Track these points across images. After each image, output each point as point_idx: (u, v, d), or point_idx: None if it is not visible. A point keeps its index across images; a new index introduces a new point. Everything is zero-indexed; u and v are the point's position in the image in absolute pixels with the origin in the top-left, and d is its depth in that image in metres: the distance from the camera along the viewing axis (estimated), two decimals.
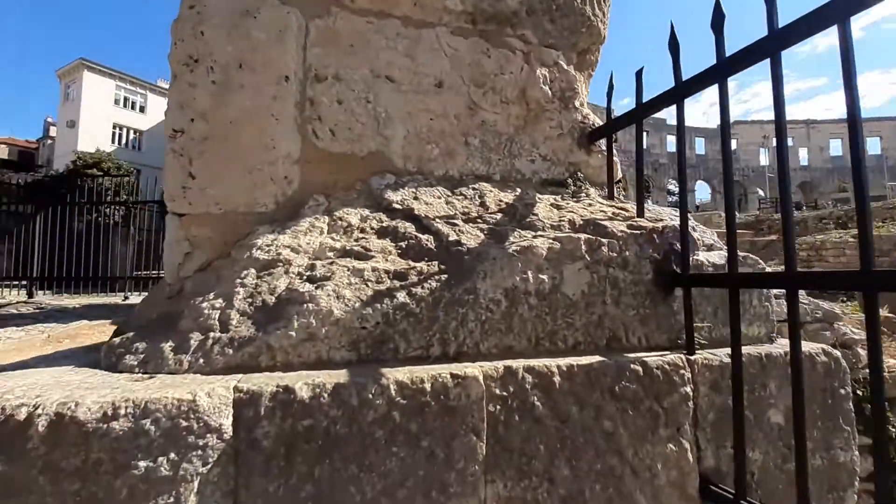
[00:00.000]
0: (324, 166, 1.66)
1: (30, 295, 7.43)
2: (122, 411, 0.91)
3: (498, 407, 1.22)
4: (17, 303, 6.78)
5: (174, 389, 0.98)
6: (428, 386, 1.13)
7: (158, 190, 12.55)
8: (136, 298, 7.25)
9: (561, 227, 1.59)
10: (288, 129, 1.62)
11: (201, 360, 1.15)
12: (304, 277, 1.33)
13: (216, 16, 1.57)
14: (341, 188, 1.68)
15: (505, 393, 1.24)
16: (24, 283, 7.97)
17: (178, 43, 1.55)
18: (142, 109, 34.72)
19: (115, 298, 7.40)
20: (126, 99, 33.92)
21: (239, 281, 1.32)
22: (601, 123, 2.05)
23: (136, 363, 1.17)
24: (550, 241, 1.47)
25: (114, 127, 32.78)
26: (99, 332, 4.89)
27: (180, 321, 1.27)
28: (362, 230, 1.54)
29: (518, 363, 1.28)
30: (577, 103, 2.10)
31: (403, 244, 1.49)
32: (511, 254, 1.41)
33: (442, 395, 1.14)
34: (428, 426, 1.11)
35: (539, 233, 1.54)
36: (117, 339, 1.27)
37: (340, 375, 1.11)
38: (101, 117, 31.98)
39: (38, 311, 6.51)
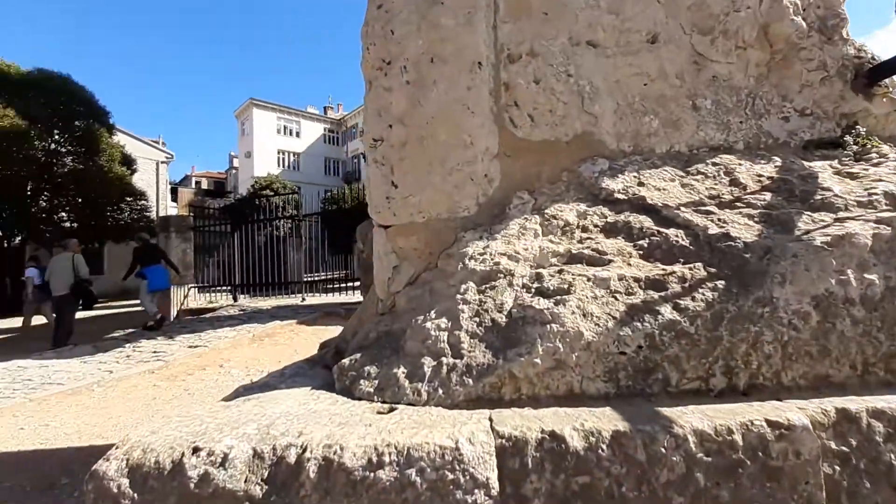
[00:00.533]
0: (525, 158, 1.45)
1: (234, 299, 8.98)
2: (386, 458, 0.80)
3: (836, 468, 0.85)
4: (227, 306, 8.26)
5: (430, 431, 0.85)
6: (738, 438, 0.82)
7: (317, 204, 14.16)
8: (311, 300, 8.25)
9: (874, 203, 1.12)
10: (484, 121, 1.44)
11: (440, 391, 1.01)
12: (534, 290, 1.13)
13: (403, 10, 1.46)
14: (546, 181, 1.45)
15: (845, 448, 0.86)
16: (228, 288, 9.67)
17: (370, 48, 1.49)
18: (297, 134, 40.15)
19: (295, 300, 8.51)
20: (285, 127, 39.58)
21: (460, 297, 1.17)
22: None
23: (371, 390, 1.09)
24: (873, 225, 1.03)
25: (278, 152, 38.53)
26: (289, 330, 5.56)
27: (405, 342, 1.17)
28: (584, 229, 1.28)
29: (852, 403, 0.89)
30: (843, 33, 1.54)
31: (644, 243, 1.19)
32: (818, 247, 1.00)
33: (759, 450, 0.82)
34: (744, 495, 0.81)
35: (842, 214, 1.10)
36: (346, 361, 1.22)
37: (614, 420, 0.87)
38: (268, 146, 37.87)
39: (241, 312, 7.81)
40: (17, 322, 9.27)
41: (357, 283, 8.51)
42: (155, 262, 7.31)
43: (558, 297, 1.06)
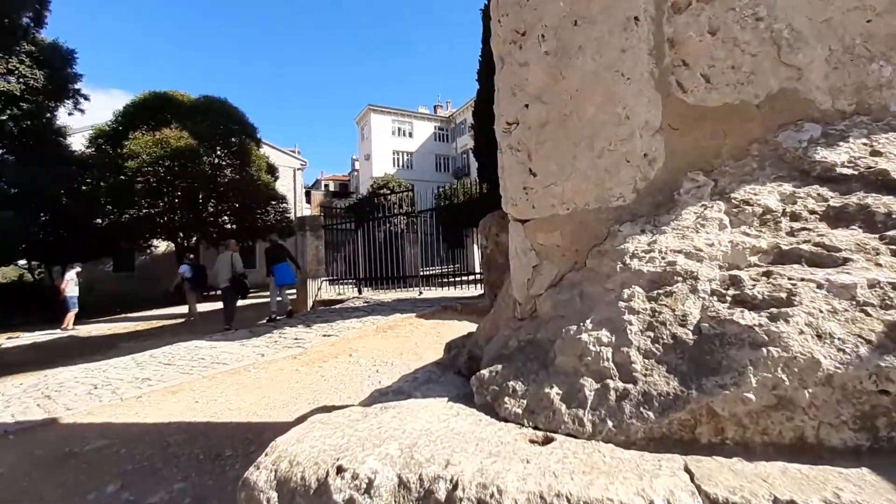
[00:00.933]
0: (697, 130, 1.16)
1: (359, 292, 9.68)
2: None
3: None
4: (353, 298, 8.94)
5: (610, 482, 0.66)
6: None
7: (429, 200, 14.61)
8: (427, 293, 8.51)
9: None
10: (642, 89, 1.19)
11: (610, 424, 0.82)
12: (730, 299, 0.86)
13: None
14: (729, 157, 1.14)
15: None
16: (353, 281, 10.46)
17: (502, 20, 1.33)
18: (410, 135, 42.19)
19: (412, 293, 8.85)
20: (399, 129, 41.86)
21: (623, 305, 0.96)
22: None
23: (519, 411, 0.94)
24: None
25: (393, 153, 40.95)
26: (409, 323, 5.75)
27: (554, 356, 1.00)
28: (795, 216, 0.97)
29: None
30: None
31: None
32: None
33: None
34: None
35: None
36: (485, 373, 1.09)
37: (885, 491, 0.59)
38: (385, 147, 40.46)
39: (365, 304, 8.37)
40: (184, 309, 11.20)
41: (470, 278, 8.53)
42: (281, 261, 8.29)
43: (774, 311, 0.79)
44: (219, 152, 18.75)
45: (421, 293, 8.30)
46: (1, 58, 12.92)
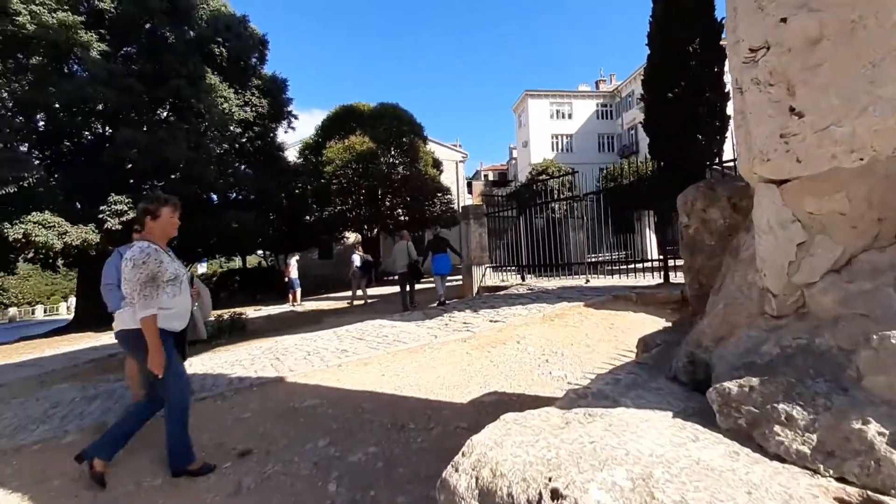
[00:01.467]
0: None
1: (522, 279, 9.60)
2: None
3: None
4: (517, 285, 8.91)
5: None
6: None
7: (591, 183, 13.67)
8: (595, 281, 7.93)
9: None
10: None
11: None
12: None
13: None
14: None
15: None
16: (515, 268, 10.44)
17: None
18: (569, 116, 40.18)
19: (578, 281, 8.36)
20: (557, 111, 40.23)
21: None
22: None
23: (805, 450, 0.66)
24: None
25: (551, 137, 39.62)
26: (577, 312, 5.38)
27: (858, 373, 0.67)
28: None
29: None
30: None
31: None
32: None
33: None
34: None
35: None
36: (731, 388, 0.81)
37: None
38: (543, 132, 39.44)
39: (529, 291, 8.25)
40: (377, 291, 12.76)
41: (644, 265, 7.62)
42: (441, 251, 8.93)
43: None
44: (392, 152, 20.84)
45: (587, 281, 7.76)
46: (240, 93, 16.69)
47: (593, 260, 9.98)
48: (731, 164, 7.61)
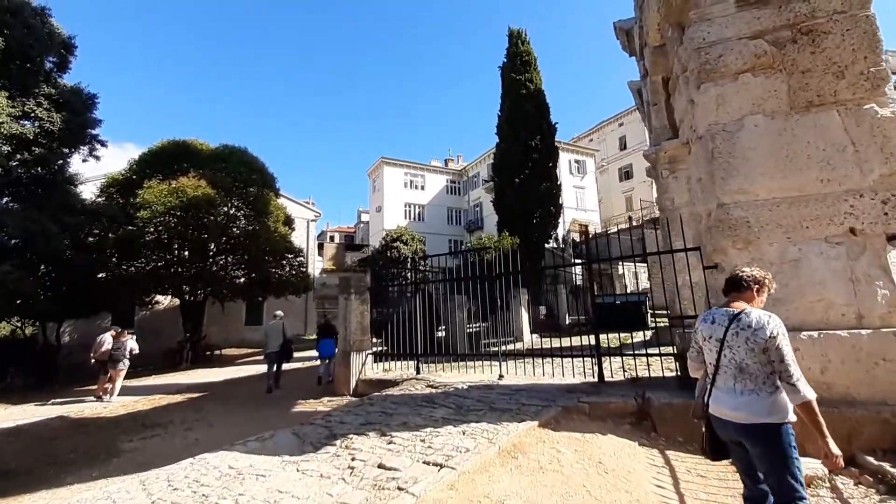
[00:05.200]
0: None
1: (417, 371, 8.01)
2: None
3: None
4: (410, 379, 7.28)
5: None
6: None
7: (443, 252, 13.40)
8: (508, 376, 6.85)
9: None
10: None
11: None
12: None
13: None
14: None
15: None
16: (392, 354, 8.84)
17: None
18: (422, 188, 41.73)
19: (483, 374, 7.19)
20: (411, 181, 41.45)
21: None
22: None
23: None
24: None
25: (405, 205, 40.23)
26: (539, 440, 4.25)
27: None
28: None
29: None
30: None
31: None
32: None
33: None
34: None
35: None
36: None
37: None
38: (397, 200, 39.82)
39: (434, 391, 6.72)
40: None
41: (570, 353, 6.90)
42: (330, 336, 9.34)
43: None
44: (235, 202, 17.61)
45: (501, 377, 6.65)
46: (19, 100, 12.01)
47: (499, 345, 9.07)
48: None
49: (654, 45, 7.42)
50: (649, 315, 15.09)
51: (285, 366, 9.89)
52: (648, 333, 12.43)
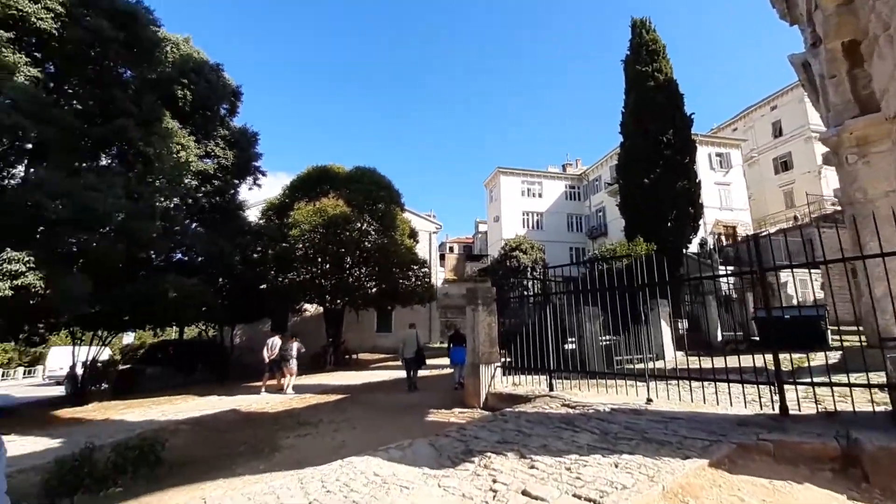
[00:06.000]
0: None
1: (550, 388, 7.60)
2: None
3: None
4: (543, 396, 6.92)
5: None
6: None
7: (563, 261, 12.41)
8: (657, 400, 6.06)
9: None
10: None
11: None
12: None
13: None
14: None
15: None
16: (520, 369, 8.51)
17: None
18: (539, 195, 40.83)
19: (627, 397, 6.48)
20: (528, 189, 40.85)
21: None
22: None
23: None
24: None
25: (523, 214, 39.76)
26: (711, 484, 3.32)
27: None
28: None
29: None
30: None
31: None
32: None
33: None
34: None
35: None
36: None
37: None
38: (514, 209, 39.56)
39: (571, 412, 6.30)
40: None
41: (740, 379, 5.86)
42: (461, 344, 9.68)
43: None
44: (366, 218, 19.12)
45: (649, 401, 5.90)
46: (202, 142, 14.79)
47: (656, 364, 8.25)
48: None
49: (833, 4, 6.08)
50: (829, 332, 12.40)
51: (420, 372, 11.00)
52: (832, 355, 10.13)
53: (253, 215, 21.07)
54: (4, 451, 1.74)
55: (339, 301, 20.21)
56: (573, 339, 9.40)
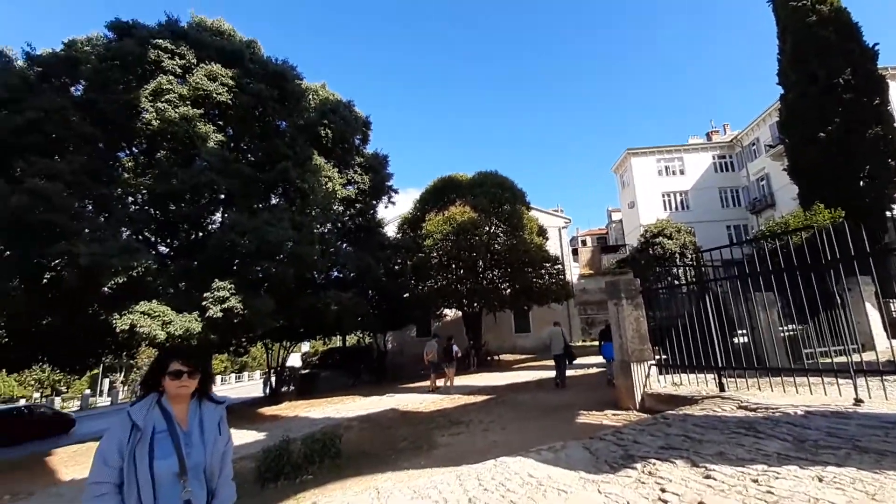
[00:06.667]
0: None
1: (720, 388, 6.72)
2: None
3: None
4: (713, 397, 6.10)
5: None
6: None
7: (720, 242, 10.51)
8: (871, 401, 4.88)
9: None
10: None
11: None
12: None
13: None
14: None
15: None
16: (681, 367, 7.61)
17: None
18: (681, 172, 36.34)
19: (825, 397, 5.36)
20: (666, 168, 36.69)
21: None
22: None
23: None
24: None
25: (662, 195, 35.83)
26: None
27: None
28: None
29: None
30: None
31: None
32: None
33: None
34: None
35: None
36: None
37: None
38: (651, 191, 35.89)
39: (751, 415, 5.46)
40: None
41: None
42: (610, 340, 8.84)
43: None
44: (494, 221, 19.34)
45: (858, 402, 4.75)
46: (343, 172, 16.75)
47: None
48: None
49: None
50: None
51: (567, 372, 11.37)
52: None
53: (391, 231, 23.00)
54: (232, 443, 2.17)
55: (475, 304, 20.78)
56: (743, 332, 8.12)
